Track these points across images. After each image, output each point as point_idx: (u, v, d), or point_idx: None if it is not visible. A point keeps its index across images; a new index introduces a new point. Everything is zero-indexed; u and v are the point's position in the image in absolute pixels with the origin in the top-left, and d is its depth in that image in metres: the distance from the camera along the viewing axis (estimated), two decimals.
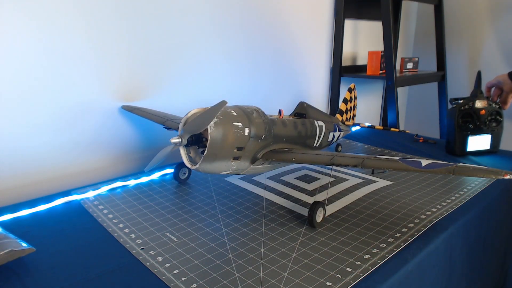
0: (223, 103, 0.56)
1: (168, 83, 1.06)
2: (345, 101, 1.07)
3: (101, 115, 0.94)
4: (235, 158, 0.63)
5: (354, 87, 1.11)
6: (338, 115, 1.05)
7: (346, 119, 1.07)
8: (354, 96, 1.11)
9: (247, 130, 0.63)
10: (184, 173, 0.89)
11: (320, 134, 0.84)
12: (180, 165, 0.87)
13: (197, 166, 0.60)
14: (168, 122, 0.85)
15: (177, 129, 0.74)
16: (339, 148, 1.09)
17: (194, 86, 1.11)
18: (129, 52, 0.96)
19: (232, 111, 0.63)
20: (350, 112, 1.10)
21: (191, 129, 0.57)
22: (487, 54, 1.90)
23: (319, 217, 0.67)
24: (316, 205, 0.66)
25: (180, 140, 0.57)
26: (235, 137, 0.61)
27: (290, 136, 0.74)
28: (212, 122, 0.58)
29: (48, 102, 0.85)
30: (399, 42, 2.00)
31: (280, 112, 0.77)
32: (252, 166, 0.67)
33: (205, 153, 0.58)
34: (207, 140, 0.59)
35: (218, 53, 1.15)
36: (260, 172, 0.75)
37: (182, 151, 0.62)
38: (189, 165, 0.62)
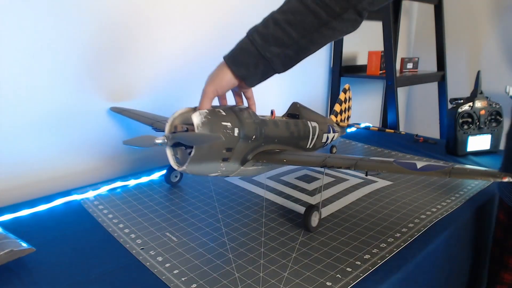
0: (218, 137, 0.56)
1: (158, 82, 1.04)
2: (340, 102, 1.05)
3: (101, 115, 0.95)
4: (224, 160, 0.61)
5: (349, 87, 1.09)
6: (332, 116, 1.03)
7: (341, 120, 1.06)
8: (349, 97, 1.10)
9: (236, 131, 0.61)
10: (176, 176, 0.87)
11: (313, 135, 0.83)
12: (171, 167, 0.86)
13: (184, 167, 0.57)
14: (156, 124, 0.83)
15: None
16: (334, 150, 1.08)
17: (185, 85, 1.09)
18: (123, 53, 0.96)
19: (221, 111, 0.61)
20: (345, 113, 1.08)
21: (180, 139, 0.56)
22: (487, 54, 1.90)
23: (314, 221, 0.66)
24: (311, 209, 0.65)
25: (164, 140, 0.55)
26: (224, 138, 0.59)
27: (282, 137, 0.72)
28: (199, 122, 0.57)
29: (48, 102, 0.85)
30: (399, 42, 2.00)
31: (272, 112, 0.75)
32: (242, 168, 0.65)
33: (191, 154, 0.56)
34: None
35: (211, 52, 1.14)
36: (250, 175, 0.72)
37: (169, 152, 0.60)
38: (175, 167, 0.59)
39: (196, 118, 0.57)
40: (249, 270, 0.55)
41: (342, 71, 1.62)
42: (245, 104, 0.70)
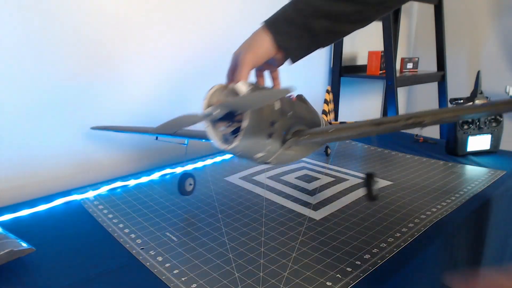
0: (287, 91, 0.45)
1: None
2: (326, 102, 1.03)
3: (101, 114, 0.94)
4: (269, 135, 0.54)
5: (330, 89, 1.08)
6: (323, 116, 1.01)
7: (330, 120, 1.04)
8: (331, 99, 1.08)
9: (276, 104, 0.55)
10: (190, 184, 0.78)
11: (322, 125, 0.77)
12: (184, 176, 0.77)
13: (236, 142, 0.50)
14: (161, 130, 0.77)
15: (171, 134, 0.70)
16: (329, 151, 1.08)
17: (185, 84, 1.10)
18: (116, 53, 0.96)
19: (257, 84, 0.55)
20: (331, 114, 1.06)
21: (236, 105, 0.48)
22: (487, 54, 1.90)
23: (375, 191, 0.62)
24: (371, 177, 0.61)
25: (215, 110, 0.47)
26: (268, 109, 0.53)
27: (307, 119, 0.65)
28: (247, 91, 0.51)
29: (47, 102, 0.85)
30: (399, 42, 2.00)
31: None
32: (280, 150, 0.59)
33: (246, 124, 0.49)
34: (238, 115, 0.51)
35: (212, 50, 1.14)
36: (286, 161, 0.65)
37: (212, 129, 0.51)
38: (222, 146, 0.51)
39: (243, 87, 0.51)
40: (249, 270, 0.55)
41: (342, 71, 1.63)
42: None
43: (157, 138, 0.79)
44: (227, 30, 1.15)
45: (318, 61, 1.60)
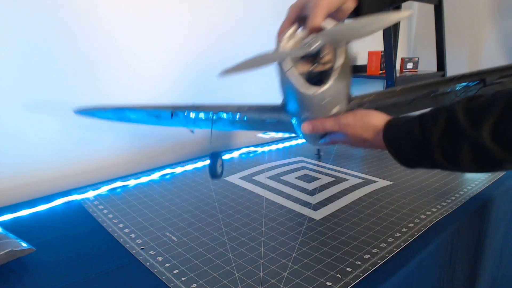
0: (407, 13, 0.38)
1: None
2: None
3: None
4: (347, 85, 0.50)
5: None
6: None
7: None
8: None
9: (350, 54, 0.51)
10: (220, 165, 0.71)
11: None
12: (214, 155, 0.70)
13: (331, 82, 0.44)
14: (177, 107, 0.69)
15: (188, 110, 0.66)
16: (321, 153, 1.08)
17: (193, 79, 1.11)
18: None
19: None
20: None
21: (340, 33, 0.41)
22: (487, 54, 1.90)
23: None
24: None
25: (318, 41, 0.40)
26: (348, 57, 0.48)
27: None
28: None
29: (47, 102, 0.85)
30: (399, 42, 2.00)
31: None
32: (344, 112, 0.54)
33: (342, 62, 0.44)
34: (323, 56, 0.45)
35: (212, 49, 1.14)
36: None
37: (294, 71, 0.44)
38: (311, 90, 0.44)
39: (331, 23, 0.46)
40: (249, 270, 0.55)
41: None
42: None
43: (172, 116, 0.70)
44: (229, 32, 1.15)
45: None
